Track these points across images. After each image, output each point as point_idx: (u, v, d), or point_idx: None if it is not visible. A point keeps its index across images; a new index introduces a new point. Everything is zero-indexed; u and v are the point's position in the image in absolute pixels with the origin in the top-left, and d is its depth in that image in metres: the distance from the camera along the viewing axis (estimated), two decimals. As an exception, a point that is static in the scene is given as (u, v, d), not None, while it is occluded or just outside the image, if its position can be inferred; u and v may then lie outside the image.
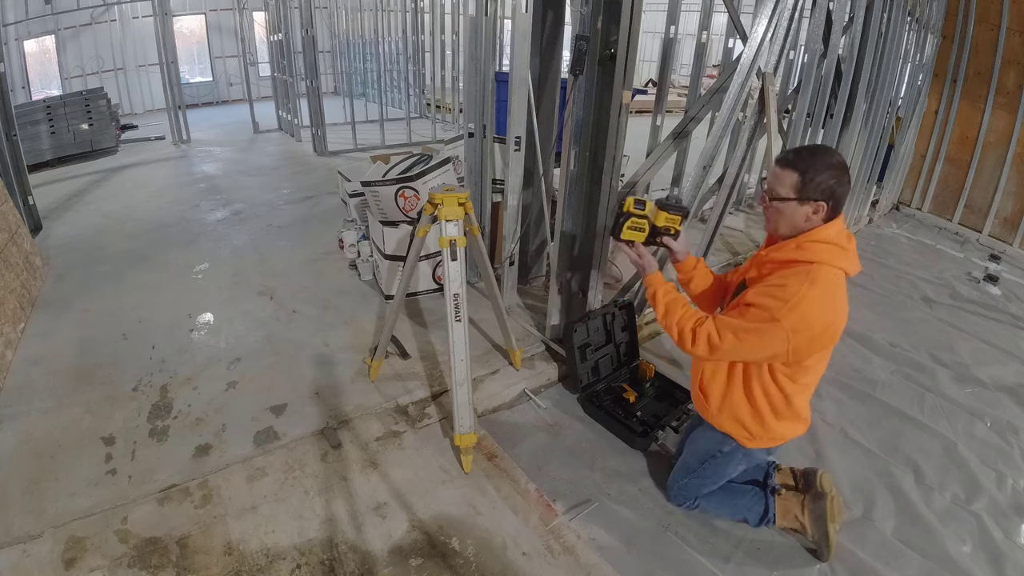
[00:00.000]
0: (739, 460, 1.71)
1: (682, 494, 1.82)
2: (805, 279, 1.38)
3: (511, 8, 2.51)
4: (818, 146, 1.51)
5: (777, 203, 1.45)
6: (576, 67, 2.15)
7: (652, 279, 1.70)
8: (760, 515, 1.75)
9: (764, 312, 1.39)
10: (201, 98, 10.35)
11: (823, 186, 1.39)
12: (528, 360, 2.58)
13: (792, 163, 1.42)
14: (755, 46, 2.36)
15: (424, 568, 1.63)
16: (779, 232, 1.50)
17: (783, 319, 1.36)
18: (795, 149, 1.51)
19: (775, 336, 1.38)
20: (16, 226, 3.08)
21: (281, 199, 4.89)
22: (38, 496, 1.78)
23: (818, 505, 1.70)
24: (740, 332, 1.42)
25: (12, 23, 7.58)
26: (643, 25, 2.14)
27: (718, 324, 1.47)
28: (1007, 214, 4.64)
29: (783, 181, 1.43)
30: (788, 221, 1.46)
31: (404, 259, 2.83)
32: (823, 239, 1.42)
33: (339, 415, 2.21)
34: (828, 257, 1.40)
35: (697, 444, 1.77)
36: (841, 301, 1.44)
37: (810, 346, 1.42)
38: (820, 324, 1.38)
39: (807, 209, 1.42)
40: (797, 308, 1.36)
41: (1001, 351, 3.01)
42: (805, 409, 1.62)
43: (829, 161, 1.40)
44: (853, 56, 3.43)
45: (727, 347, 1.44)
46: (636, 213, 1.72)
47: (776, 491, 1.77)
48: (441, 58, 8.54)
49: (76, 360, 2.49)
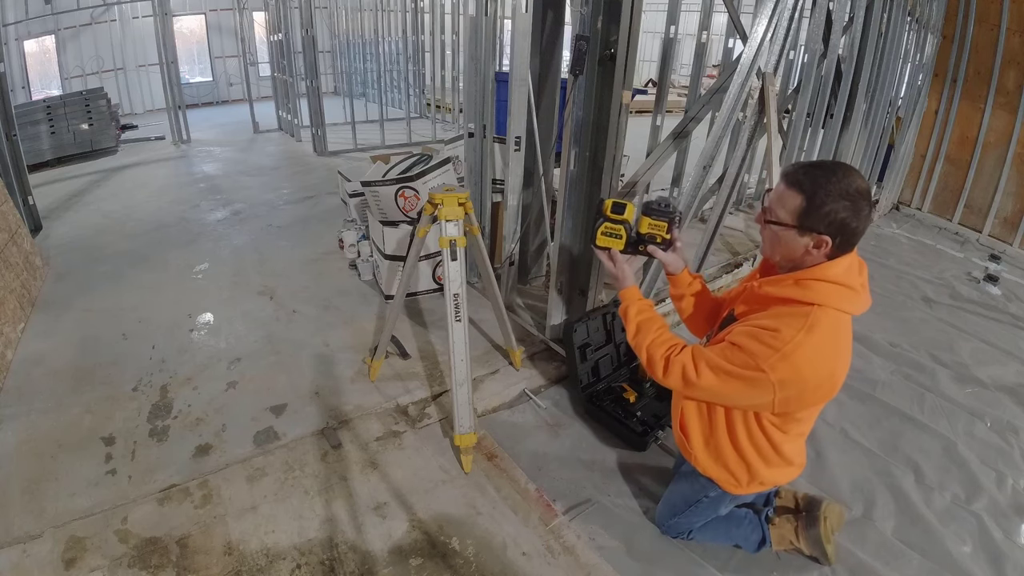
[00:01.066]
0: (728, 503, 1.61)
1: (674, 530, 1.73)
2: (802, 325, 1.17)
3: (511, 8, 2.51)
4: (836, 165, 1.18)
5: (774, 227, 1.21)
6: (576, 67, 2.15)
7: (626, 294, 1.50)
8: (757, 543, 1.69)
9: (749, 359, 1.19)
10: (201, 98, 10.35)
11: (831, 218, 1.13)
12: (528, 360, 2.58)
13: (799, 183, 1.16)
14: (755, 46, 2.36)
15: (424, 568, 1.63)
16: (773, 259, 1.28)
17: (770, 371, 1.16)
18: (808, 165, 1.20)
19: (759, 387, 1.19)
20: (16, 226, 3.08)
21: (281, 199, 4.89)
22: (38, 496, 1.78)
23: (812, 532, 1.64)
24: (720, 373, 1.23)
25: (12, 23, 7.58)
26: (643, 25, 2.14)
27: (696, 357, 1.27)
28: (1007, 214, 4.64)
29: (784, 203, 1.18)
30: (784, 251, 1.22)
31: (404, 259, 2.83)
32: (828, 278, 1.18)
33: (339, 415, 2.21)
34: (833, 300, 1.18)
35: (682, 486, 1.66)
36: (844, 349, 1.25)
37: (800, 400, 1.24)
38: (815, 378, 1.19)
39: (807, 241, 1.17)
40: (788, 359, 1.15)
41: (1001, 351, 3.01)
42: (799, 455, 1.47)
43: (845, 187, 1.12)
44: (853, 56, 3.43)
45: (704, 385, 1.25)
46: (612, 217, 1.52)
47: (769, 519, 1.71)
48: (441, 58, 8.54)
49: (76, 360, 2.49)
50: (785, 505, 1.78)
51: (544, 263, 3.35)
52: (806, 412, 1.34)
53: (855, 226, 1.15)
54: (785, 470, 1.46)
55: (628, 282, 1.52)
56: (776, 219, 1.21)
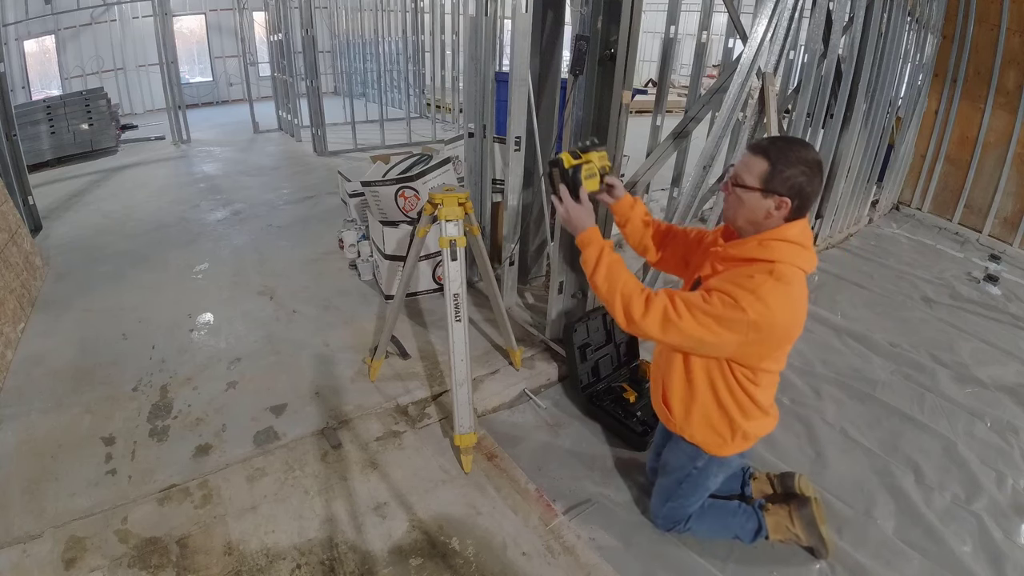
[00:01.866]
0: (715, 472, 1.63)
1: (669, 519, 1.73)
2: (770, 274, 1.29)
3: (511, 8, 2.51)
4: (796, 139, 1.37)
5: (740, 191, 1.34)
6: (576, 67, 2.16)
7: (594, 234, 1.46)
8: (754, 531, 1.70)
9: (729, 299, 1.27)
10: (201, 98, 10.35)
11: (792, 181, 1.28)
12: (528, 360, 2.58)
13: (764, 150, 1.31)
14: (755, 46, 2.36)
15: (424, 568, 1.63)
16: (736, 224, 1.40)
17: (749, 309, 1.25)
18: (771, 137, 1.38)
19: (734, 329, 1.27)
20: (16, 226, 3.08)
21: (281, 199, 4.89)
22: (38, 496, 1.78)
23: (805, 512, 1.67)
24: (699, 314, 1.28)
25: (12, 23, 7.58)
26: (643, 25, 2.14)
27: (676, 300, 1.31)
28: (1007, 214, 4.64)
29: (751, 168, 1.32)
30: (747, 213, 1.35)
31: (404, 259, 2.83)
32: (787, 238, 1.32)
33: (339, 415, 2.21)
34: (791, 257, 1.32)
35: (670, 465, 1.69)
36: (802, 301, 1.36)
37: (762, 345, 1.33)
38: (783, 321, 1.30)
39: (769, 203, 1.31)
40: (764, 300, 1.26)
41: (1001, 351, 3.01)
42: (772, 405, 1.56)
43: (804, 156, 1.29)
44: (853, 56, 3.43)
45: (684, 327, 1.28)
46: (586, 159, 1.53)
47: (762, 506, 1.73)
48: (441, 58, 8.54)
49: (76, 360, 2.49)
50: (763, 489, 1.83)
51: (544, 263, 3.35)
52: (769, 362, 1.42)
53: (810, 191, 1.31)
54: (762, 420, 1.54)
55: (593, 220, 1.51)
56: (743, 183, 1.34)
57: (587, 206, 1.51)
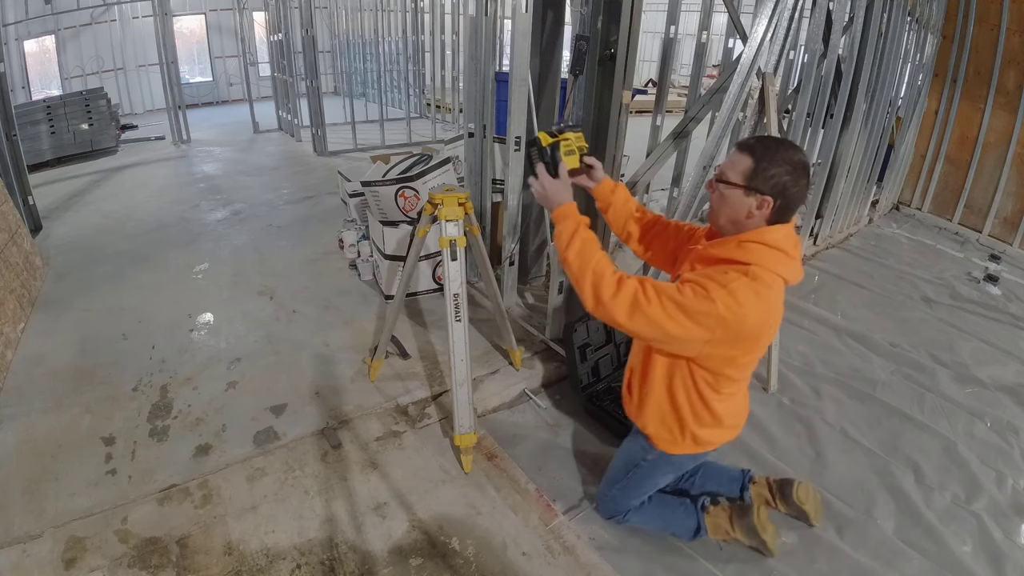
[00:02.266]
0: (664, 470, 1.63)
1: (610, 507, 1.73)
2: (745, 274, 1.25)
3: (511, 8, 2.51)
4: (784, 139, 1.34)
5: (723, 187, 1.31)
6: (576, 67, 2.16)
7: (571, 208, 1.42)
8: (693, 530, 1.71)
9: (701, 290, 1.23)
10: (201, 98, 10.35)
11: (775, 180, 1.25)
12: (528, 360, 2.58)
13: (750, 148, 1.29)
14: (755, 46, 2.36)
15: (424, 568, 1.63)
16: (718, 222, 1.37)
17: (719, 301, 1.21)
18: (759, 136, 1.36)
19: (703, 321, 1.22)
20: (16, 226, 3.08)
21: (281, 199, 4.89)
22: (38, 496, 1.78)
23: (745, 521, 1.67)
24: (668, 303, 1.23)
25: (12, 23, 7.58)
26: (643, 25, 2.14)
27: (647, 285, 1.27)
28: (1007, 214, 4.64)
29: (736, 165, 1.29)
30: (729, 211, 1.32)
31: (404, 259, 2.83)
32: (767, 242, 1.28)
33: (339, 415, 2.21)
34: (769, 262, 1.26)
35: (623, 451, 1.70)
36: (776, 309, 1.31)
37: (729, 348, 1.30)
38: (752, 322, 1.25)
39: (751, 202, 1.27)
40: (735, 296, 1.22)
41: (1001, 351, 3.01)
42: (731, 417, 1.51)
43: (789, 156, 1.26)
44: (853, 56, 3.43)
45: (652, 313, 1.23)
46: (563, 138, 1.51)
47: (704, 508, 1.72)
48: (441, 58, 8.54)
49: (76, 360, 2.49)
50: (761, 493, 1.82)
51: (544, 263, 3.35)
52: (733, 368, 1.38)
53: (794, 191, 1.27)
54: (717, 431, 1.51)
55: (570, 196, 1.46)
56: (726, 179, 1.31)
57: (565, 182, 1.46)
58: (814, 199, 3.89)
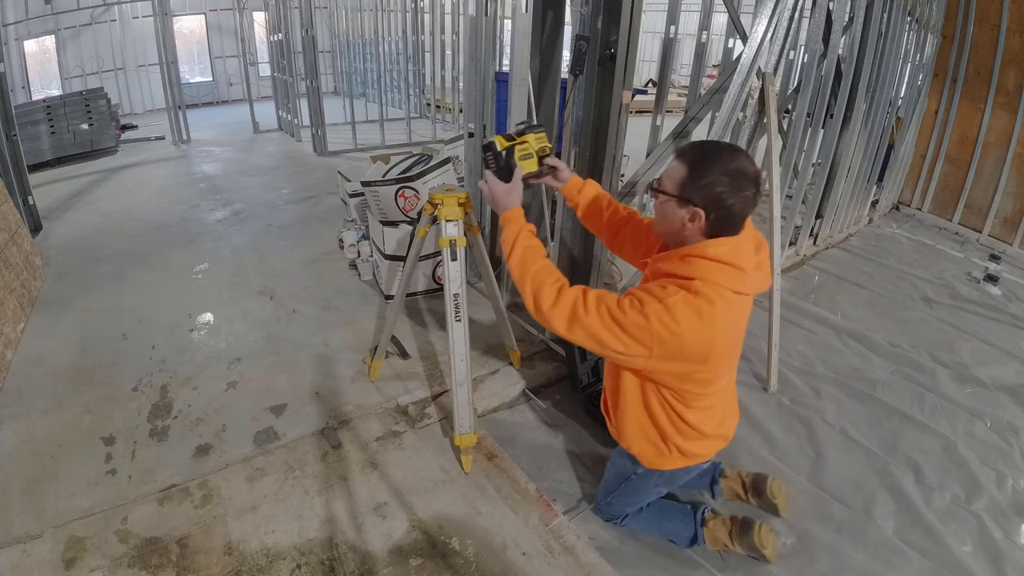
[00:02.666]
0: (655, 481, 1.60)
1: (608, 511, 1.74)
2: (685, 288, 1.20)
3: (511, 8, 2.51)
4: (730, 146, 1.24)
5: (659, 196, 1.24)
6: (576, 67, 2.15)
7: (517, 214, 1.38)
8: (689, 539, 1.70)
9: (637, 303, 1.19)
10: (201, 98, 10.35)
11: (707, 191, 1.15)
12: (528, 360, 2.58)
13: (685, 155, 1.20)
14: (755, 46, 2.36)
15: (424, 568, 1.63)
16: (658, 231, 1.32)
17: (652, 317, 1.16)
18: (702, 142, 1.29)
19: (640, 336, 1.17)
20: (16, 226, 3.08)
21: (281, 199, 4.89)
22: (38, 496, 1.78)
23: (746, 539, 1.63)
24: (605, 316, 1.19)
25: (12, 23, 7.58)
26: (643, 25, 2.14)
27: (588, 295, 1.22)
28: (1007, 214, 4.64)
29: (672, 173, 1.22)
30: (664, 222, 1.25)
31: (404, 259, 2.83)
32: (708, 256, 1.19)
33: (339, 415, 2.21)
34: (716, 276, 1.19)
35: (615, 463, 1.69)
36: (726, 323, 1.22)
37: (676, 365, 1.23)
38: (693, 341, 1.19)
39: (684, 214, 1.20)
40: (671, 312, 1.16)
41: (1001, 351, 3.01)
42: (714, 427, 1.46)
43: (728, 165, 1.15)
44: (853, 56, 3.43)
45: (589, 325, 1.19)
46: (520, 141, 1.48)
47: (703, 520, 1.70)
48: (441, 58, 8.54)
49: (76, 360, 2.49)
50: (733, 487, 1.85)
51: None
52: (692, 384, 1.32)
53: (731, 203, 1.16)
54: (701, 442, 1.46)
55: (518, 202, 1.44)
56: (661, 188, 1.24)
57: (515, 187, 1.43)
58: (814, 199, 3.89)
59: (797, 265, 3.94)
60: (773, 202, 2.60)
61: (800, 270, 3.90)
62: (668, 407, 1.39)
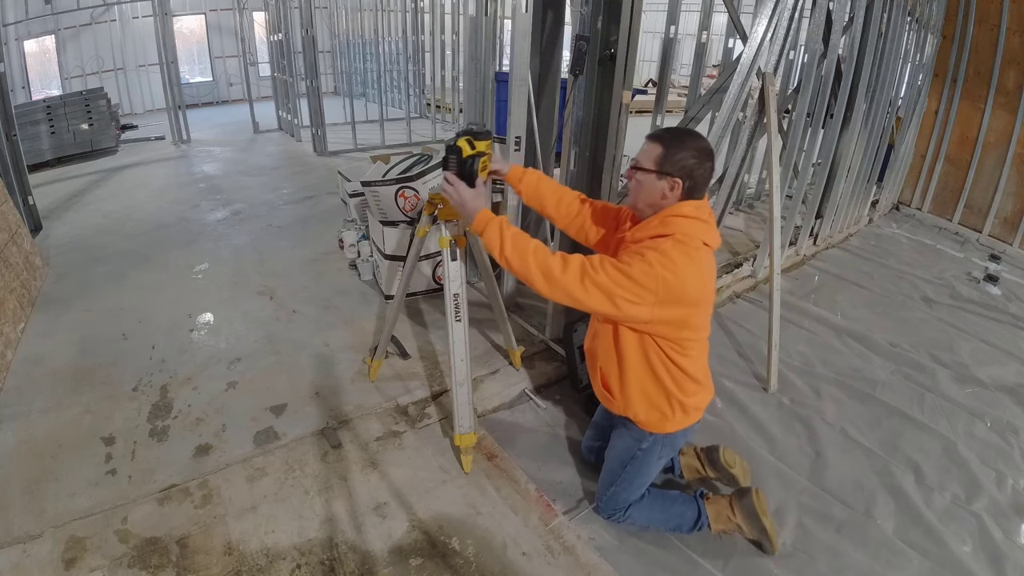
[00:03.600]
0: (659, 452, 1.68)
1: (610, 505, 1.75)
2: (675, 242, 1.40)
3: (511, 8, 2.51)
4: (690, 130, 1.53)
5: (640, 174, 1.47)
6: (576, 67, 2.16)
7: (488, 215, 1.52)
8: (693, 520, 1.73)
9: (638, 256, 1.38)
10: (201, 98, 10.35)
11: (682, 163, 1.42)
12: (528, 360, 2.58)
13: (659, 137, 1.46)
14: (755, 46, 2.36)
15: (424, 568, 1.63)
16: (638, 206, 1.52)
17: (655, 263, 1.34)
18: (668, 127, 1.56)
19: (647, 281, 1.34)
20: (16, 226, 3.08)
21: (281, 199, 4.89)
22: (38, 496, 1.78)
23: (745, 503, 1.71)
24: (612, 270, 1.36)
25: (12, 23, 7.58)
26: (643, 25, 2.14)
27: (593, 257, 1.40)
28: (1007, 214, 4.64)
29: (648, 154, 1.45)
30: (646, 194, 1.47)
31: (404, 259, 2.83)
32: (684, 213, 1.44)
33: (339, 415, 2.21)
34: (690, 229, 1.42)
35: (615, 449, 1.73)
36: (709, 268, 1.46)
37: (677, 308, 1.40)
38: (691, 279, 1.38)
39: (664, 184, 1.43)
40: (669, 255, 1.36)
41: (1001, 351, 3.01)
42: (704, 373, 1.62)
43: (694, 144, 1.43)
44: (853, 56, 3.43)
45: (600, 280, 1.35)
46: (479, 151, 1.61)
47: (704, 495, 1.77)
48: (441, 58, 8.54)
49: (76, 360, 2.49)
50: (690, 463, 1.94)
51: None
52: (688, 330, 1.48)
53: (699, 173, 1.44)
54: (699, 393, 1.61)
55: (487, 203, 1.58)
56: (641, 167, 1.47)
57: (480, 191, 1.59)
58: (814, 199, 3.89)
59: (797, 265, 3.94)
60: (773, 202, 2.61)
61: (800, 270, 3.90)
62: (668, 360, 1.52)
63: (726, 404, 2.44)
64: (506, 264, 1.45)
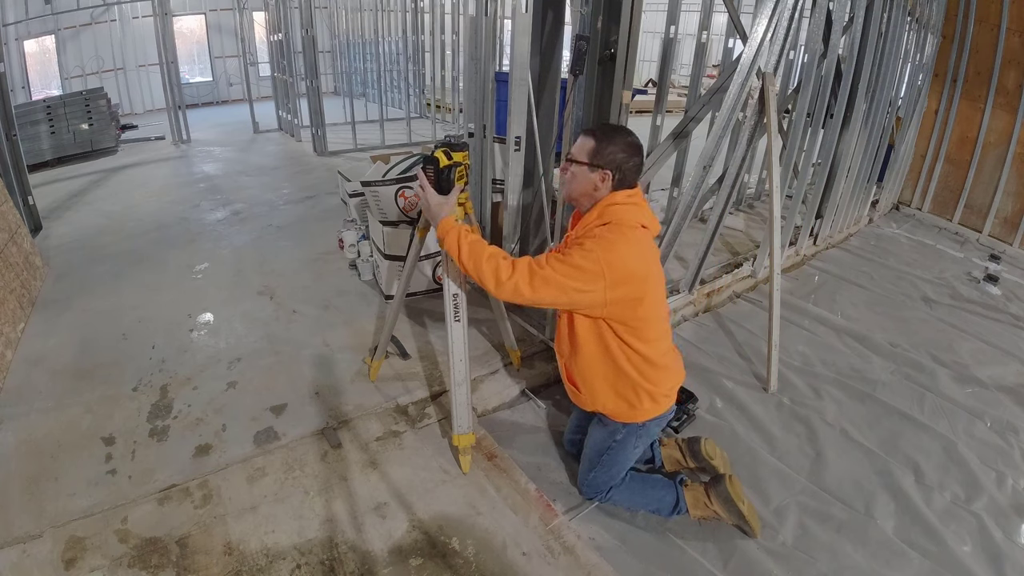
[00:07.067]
0: (634, 442, 1.74)
1: (592, 488, 1.82)
2: (612, 230, 1.49)
3: (511, 8, 2.51)
4: (621, 126, 1.65)
5: (574, 166, 1.57)
6: (576, 67, 2.16)
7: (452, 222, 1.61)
8: (672, 504, 1.79)
9: (577, 246, 1.47)
10: (201, 98, 10.35)
11: (611, 156, 1.51)
12: (528, 360, 2.58)
13: (593, 133, 1.56)
14: (755, 46, 2.36)
15: (424, 568, 1.63)
16: (573, 197, 1.61)
17: (595, 248, 1.43)
18: (601, 123, 1.70)
19: (592, 266, 1.42)
20: (16, 226, 3.08)
21: (281, 199, 4.89)
22: (38, 496, 1.78)
23: (719, 489, 1.76)
24: (557, 264, 1.45)
25: (12, 23, 7.59)
26: (643, 25, 2.14)
27: (539, 257, 1.49)
28: (1007, 214, 4.64)
29: (582, 147, 1.55)
30: (579, 185, 1.57)
31: (404, 259, 2.83)
32: (618, 201, 1.53)
33: (339, 415, 2.22)
34: (625, 214, 1.51)
35: (592, 439, 1.81)
36: (649, 248, 1.55)
37: (626, 288, 1.47)
38: (633, 258, 1.47)
39: (596, 176, 1.53)
40: (605, 238, 1.46)
41: (1001, 351, 3.01)
42: (668, 359, 1.67)
43: (624, 139, 1.53)
44: (853, 56, 3.43)
45: (548, 275, 1.43)
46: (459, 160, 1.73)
47: (683, 482, 1.82)
48: (441, 58, 8.53)
49: (76, 360, 2.49)
50: (672, 454, 1.99)
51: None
52: (642, 308, 1.54)
53: (628, 166, 1.54)
54: (664, 380, 1.66)
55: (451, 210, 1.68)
56: (575, 159, 1.57)
57: (450, 199, 1.68)
58: (814, 199, 3.89)
59: (797, 265, 3.94)
60: (773, 202, 2.60)
61: (800, 270, 3.90)
62: (626, 346, 1.58)
63: (726, 404, 2.44)
64: (464, 268, 1.54)
